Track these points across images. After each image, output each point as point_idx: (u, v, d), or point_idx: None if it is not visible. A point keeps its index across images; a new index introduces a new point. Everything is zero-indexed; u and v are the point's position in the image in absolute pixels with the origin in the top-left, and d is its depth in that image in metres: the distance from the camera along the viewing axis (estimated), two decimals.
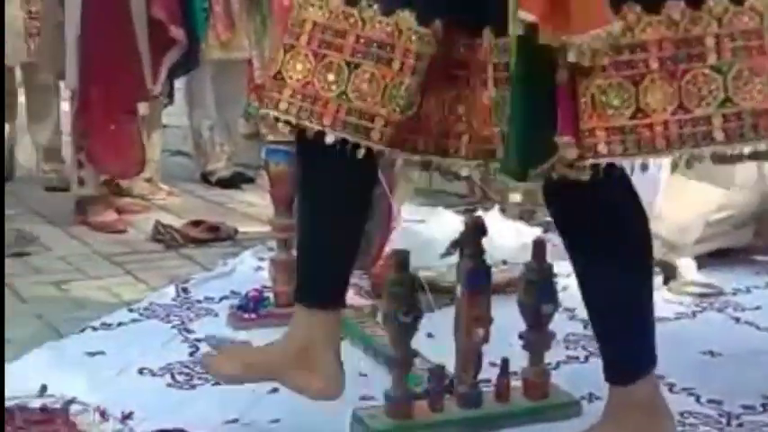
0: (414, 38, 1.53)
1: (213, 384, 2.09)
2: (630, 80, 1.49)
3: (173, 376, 2.13)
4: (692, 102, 1.49)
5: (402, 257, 1.79)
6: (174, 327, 2.44)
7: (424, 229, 2.90)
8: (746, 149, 1.50)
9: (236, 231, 3.36)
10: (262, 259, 2.95)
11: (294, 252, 2.54)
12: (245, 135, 4.45)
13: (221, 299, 2.65)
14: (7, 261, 2.88)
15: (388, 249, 2.36)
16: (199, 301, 2.63)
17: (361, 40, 1.54)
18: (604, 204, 1.63)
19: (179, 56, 3.50)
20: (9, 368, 2.04)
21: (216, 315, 2.54)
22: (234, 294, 2.65)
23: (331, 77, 1.54)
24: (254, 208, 3.77)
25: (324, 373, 1.69)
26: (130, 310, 2.53)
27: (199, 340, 2.34)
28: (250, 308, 2.46)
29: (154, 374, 2.14)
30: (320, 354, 1.68)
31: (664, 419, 1.76)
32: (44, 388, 1.74)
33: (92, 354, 2.23)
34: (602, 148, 1.49)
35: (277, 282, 2.50)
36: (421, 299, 1.85)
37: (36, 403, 1.65)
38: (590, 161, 1.49)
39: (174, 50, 3.48)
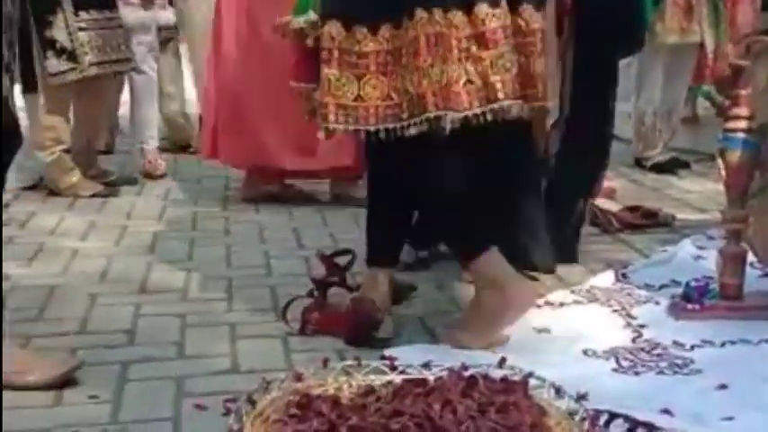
0: None
1: (657, 374, 2.09)
2: None
3: (617, 361, 2.16)
4: None
5: None
6: (614, 311, 2.47)
7: None
8: None
9: (673, 218, 3.30)
10: (701, 248, 2.88)
11: (745, 244, 2.45)
12: (683, 119, 4.39)
13: (661, 287, 2.62)
14: None
15: None
16: (639, 288, 2.62)
17: None
18: None
19: None
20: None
21: (657, 303, 2.52)
22: (674, 283, 2.61)
23: None
24: (691, 194, 3.67)
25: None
26: (572, 292, 2.59)
27: (642, 326, 2.35)
28: (695, 298, 2.41)
29: (598, 356, 2.18)
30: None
31: None
32: (503, 360, 1.84)
33: (538, 330, 2.34)
34: None
35: (725, 273, 2.42)
36: None
37: (497, 373, 1.75)
38: None
39: None
